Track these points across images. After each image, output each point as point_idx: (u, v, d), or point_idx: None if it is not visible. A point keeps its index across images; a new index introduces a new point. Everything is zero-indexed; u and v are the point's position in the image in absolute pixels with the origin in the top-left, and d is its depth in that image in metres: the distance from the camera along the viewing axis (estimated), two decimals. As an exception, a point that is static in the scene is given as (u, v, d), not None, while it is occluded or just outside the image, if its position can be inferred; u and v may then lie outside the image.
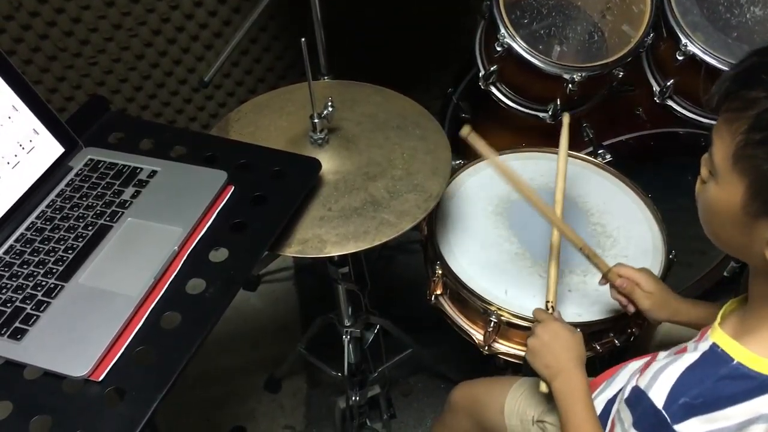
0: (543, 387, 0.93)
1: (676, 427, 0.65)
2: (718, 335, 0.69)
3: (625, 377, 0.91)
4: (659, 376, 0.68)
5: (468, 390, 1.16)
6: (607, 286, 1.01)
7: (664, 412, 0.66)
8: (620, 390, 0.87)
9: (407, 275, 1.90)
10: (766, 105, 0.60)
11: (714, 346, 0.68)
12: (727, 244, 0.71)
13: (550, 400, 1.00)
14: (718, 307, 0.90)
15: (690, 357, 0.68)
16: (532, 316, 1.01)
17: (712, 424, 0.65)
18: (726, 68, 1.03)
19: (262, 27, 1.77)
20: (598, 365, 1.04)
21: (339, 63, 1.46)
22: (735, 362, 0.66)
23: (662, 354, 0.78)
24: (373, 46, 1.76)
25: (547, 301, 1.02)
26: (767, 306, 0.68)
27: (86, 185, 0.89)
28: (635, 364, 0.92)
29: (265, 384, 1.65)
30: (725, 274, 1.51)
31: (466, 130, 0.95)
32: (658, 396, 0.67)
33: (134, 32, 1.65)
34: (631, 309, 0.99)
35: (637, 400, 0.69)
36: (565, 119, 1.16)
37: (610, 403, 0.88)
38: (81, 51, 1.63)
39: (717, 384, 0.65)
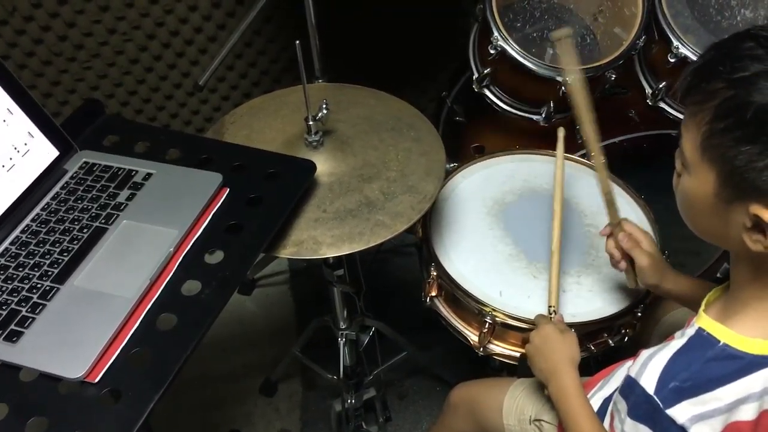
0: (546, 390, 0.94)
1: (668, 411, 0.66)
2: (704, 320, 0.70)
3: (621, 376, 0.91)
4: (648, 363, 0.69)
5: (467, 390, 1.16)
6: (601, 280, 1.02)
7: (655, 398, 0.67)
8: (617, 389, 0.88)
9: (402, 277, 1.90)
10: (725, 95, 0.61)
11: (700, 330, 0.69)
12: (706, 233, 0.72)
13: (548, 399, 1.01)
14: (703, 284, 0.91)
15: (677, 343, 0.69)
16: (526, 316, 1.02)
17: (703, 406, 0.65)
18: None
19: (257, 31, 1.77)
20: (593, 365, 1.05)
21: (334, 66, 1.47)
22: (721, 344, 0.67)
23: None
24: (367, 49, 1.76)
25: (549, 306, 1.03)
26: (749, 289, 0.69)
27: (81, 188, 0.89)
28: (631, 363, 0.92)
29: (260, 387, 1.65)
30: (718, 275, 1.51)
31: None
32: (649, 382, 0.68)
33: (129, 37, 1.65)
34: (622, 266, 1.01)
35: (630, 388, 0.70)
36: (560, 133, 1.17)
37: (607, 401, 0.89)
38: (76, 55, 1.63)
39: (705, 366, 0.66)
